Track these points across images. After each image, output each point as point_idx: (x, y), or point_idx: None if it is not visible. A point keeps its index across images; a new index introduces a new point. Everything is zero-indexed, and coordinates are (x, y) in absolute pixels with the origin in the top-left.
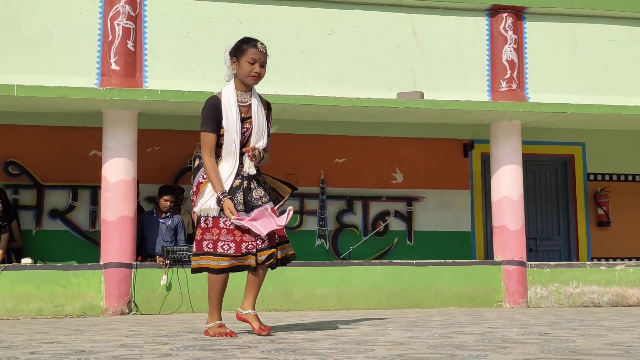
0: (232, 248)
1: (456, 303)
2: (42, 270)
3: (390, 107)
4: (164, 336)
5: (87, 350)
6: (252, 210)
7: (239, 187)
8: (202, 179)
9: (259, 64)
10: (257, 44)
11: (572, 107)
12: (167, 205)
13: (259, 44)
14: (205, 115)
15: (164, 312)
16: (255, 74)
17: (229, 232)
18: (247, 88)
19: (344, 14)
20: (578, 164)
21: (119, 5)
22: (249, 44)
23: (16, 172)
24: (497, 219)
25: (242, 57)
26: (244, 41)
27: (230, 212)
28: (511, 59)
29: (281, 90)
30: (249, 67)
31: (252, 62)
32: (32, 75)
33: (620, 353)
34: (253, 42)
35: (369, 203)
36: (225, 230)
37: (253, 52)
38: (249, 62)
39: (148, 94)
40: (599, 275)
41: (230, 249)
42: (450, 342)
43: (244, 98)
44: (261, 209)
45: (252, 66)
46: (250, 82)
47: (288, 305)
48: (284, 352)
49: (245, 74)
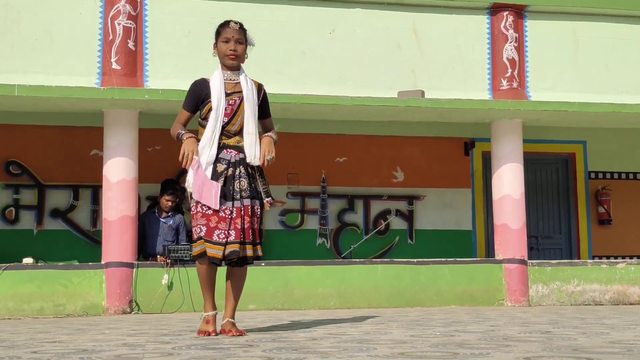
0: (203, 232)
1: (457, 302)
2: (44, 270)
3: (391, 106)
4: (165, 335)
5: (89, 349)
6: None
7: (221, 174)
8: None
9: (233, 41)
10: (229, 23)
11: (573, 106)
12: (168, 205)
13: (232, 23)
14: (187, 94)
15: (165, 311)
16: (230, 51)
17: (204, 216)
18: (235, 68)
19: (345, 13)
20: (579, 163)
21: (120, 5)
22: (223, 26)
23: (17, 172)
24: (498, 217)
25: (218, 40)
26: (219, 25)
27: (186, 153)
28: (512, 58)
29: (282, 89)
30: (225, 46)
31: (226, 41)
32: (33, 75)
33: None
34: (226, 22)
35: (370, 202)
36: (200, 213)
37: (226, 32)
38: (223, 41)
39: (149, 93)
40: (600, 273)
41: (201, 232)
42: (452, 340)
43: (232, 77)
44: (214, 183)
45: (227, 45)
46: (228, 61)
47: (289, 305)
48: (286, 351)
49: (222, 53)
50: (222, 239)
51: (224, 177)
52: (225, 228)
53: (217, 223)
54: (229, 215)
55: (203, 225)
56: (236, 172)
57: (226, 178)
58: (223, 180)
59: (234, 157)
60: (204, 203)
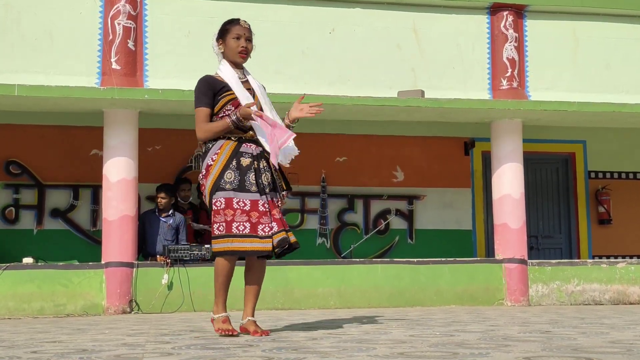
0: (247, 228)
1: (457, 301)
2: (44, 270)
3: (391, 105)
4: (165, 335)
5: (89, 349)
6: (264, 194)
7: (249, 167)
8: (211, 161)
9: (244, 38)
10: (239, 21)
11: (573, 105)
12: (162, 203)
13: (242, 21)
14: (198, 91)
15: (165, 311)
16: (242, 48)
17: (244, 213)
18: (239, 67)
19: (345, 13)
20: (579, 162)
21: (120, 5)
22: (232, 23)
23: (17, 172)
24: (498, 217)
25: (227, 36)
26: (227, 22)
27: (254, 113)
28: (512, 57)
29: (282, 89)
30: (236, 43)
31: (237, 38)
32: (33, 75)
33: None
34: (236, 20)
35: (370, 202)
36: (239, 210)
37: (237, 29)
38: (234, 37)
39: (149, 93)
40: (600, 273)
41: (245, 229)
42: (451, 340)
43: (240, 76)
44: (279, 124)
45: (238, 41)
46: (239, 59)
47: (289, 304)
48: (286, 351)
49: (233, 50)
50: (267, 232)
51: (252, 171)
52: (268, 222)
53: (259, 218)
54: (267, 209)
55: (245, 222)
56: (260, 166)
57: (255, 171)
58: (253, 174)
59: (255, 150)
60: (282, 143)
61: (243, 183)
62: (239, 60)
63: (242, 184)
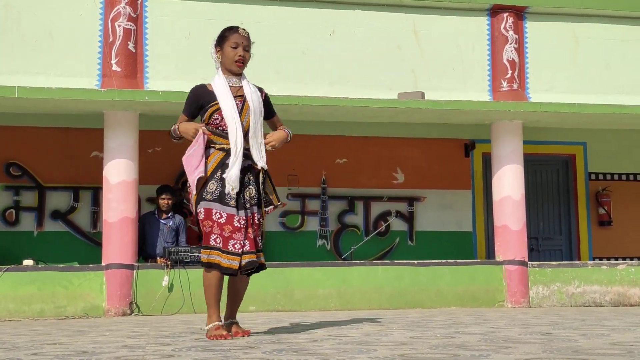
0: (220, 243)
1: (458, 303)
2: (44, 272)
3: (391, 107)
4: (166, 337)
5: (90, 351)
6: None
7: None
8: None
9: (241, 47)
10: (238, 29)
11: (574, 107)
12: (166, 204)
13: (240, 29)
14: (186, 100)
15: (165, 313)
16: (239, 57)
17: (219, 226)
18: (236, 74)
19: (345, 14)
20: (579, 164)
21: (120, 7)
22: (231, 31)
23: (17, 174)
24: (498, 218)
25: (225, 44)
26: (226, 29)
27: (195, 131)
28: (512, 59)
29: (282, 90)
30: (233, 52)
31: (235, 47)
32: (33, 76)
33: (623, 353)
34: (234, 28)
35: (370, 203)
36: (216, 223)
37: (235, 37)
38: (231, 46)
39: (149, 95)
40: (601, 274)
41: (218, 243)
42: (452, 342)
43: (235, 83)
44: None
45: (235, 50)
46: (235, 68)
47: (290, 306)
48: (286, 353)
49: (230, 59)
50: (237, 249)
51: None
52: (240, 238)
53: (232, 233)
54: (243, 225)
55: (218, 235)
56: (245, 179)
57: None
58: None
59: (242, 163)
60: (196, 175)
61: (223, 195)
62: (235, 70)
63: (222, 195)
